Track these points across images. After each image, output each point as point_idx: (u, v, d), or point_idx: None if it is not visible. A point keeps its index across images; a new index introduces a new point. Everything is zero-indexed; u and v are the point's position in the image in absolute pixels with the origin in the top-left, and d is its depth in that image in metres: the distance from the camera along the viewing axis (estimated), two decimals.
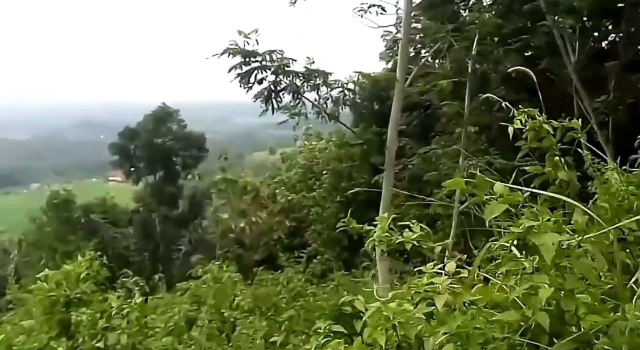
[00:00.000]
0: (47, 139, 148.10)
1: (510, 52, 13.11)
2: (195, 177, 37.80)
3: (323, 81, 10.11)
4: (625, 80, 12.98)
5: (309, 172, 27.40)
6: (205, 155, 38.77)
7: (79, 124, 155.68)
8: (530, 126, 3.04)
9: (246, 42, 9.41)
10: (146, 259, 33.77)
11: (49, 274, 6.43)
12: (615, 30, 14.48)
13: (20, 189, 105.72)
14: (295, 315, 7.71)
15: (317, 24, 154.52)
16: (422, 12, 20.30)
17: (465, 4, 20.63)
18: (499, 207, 2.38)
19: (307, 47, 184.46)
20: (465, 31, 13.11)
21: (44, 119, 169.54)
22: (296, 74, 9.85)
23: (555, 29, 12.47)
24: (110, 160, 37.99)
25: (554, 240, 2.24)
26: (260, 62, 9.55)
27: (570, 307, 2.36)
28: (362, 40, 21.65)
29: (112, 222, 33.06)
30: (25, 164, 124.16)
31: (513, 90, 15.09)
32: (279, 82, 9.81)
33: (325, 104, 10.29)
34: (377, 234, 3.52)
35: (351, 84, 10.29)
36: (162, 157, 36.65)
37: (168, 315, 7.93)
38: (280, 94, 9.93)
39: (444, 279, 2.91)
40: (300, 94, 10.01)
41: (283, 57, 9.75)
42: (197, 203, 37.49)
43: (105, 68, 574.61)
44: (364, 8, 10.96)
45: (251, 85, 9.69)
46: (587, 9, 12.28)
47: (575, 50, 13.47)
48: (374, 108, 23.83)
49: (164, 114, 38.51)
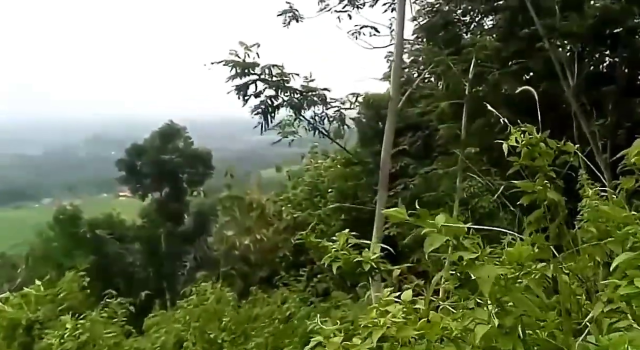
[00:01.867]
0: (59, 155, 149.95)
1: (508, 75, 13.16)
2: (200, 194, 38.00)
3: (321, 99, 10.17)
4: (623, 104, 12.97)
5: (314, 190, 27.50)
6: (211, 172, 38.99)
7: (90, 139, 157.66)
8: (525, 142, 2.93)
9: (247, 54, 9.39)
10: (151, 275, 33.81)
11: (10, 297, 6.29)
12: (613, 54, 14.52)
13: (33, 203, 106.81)
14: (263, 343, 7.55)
15: (321, 41, 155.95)
16: (425, 34, 20.57)
17: (467, 26, 20.88)
18: (439, 238, 2.35)
19: (310, 63, 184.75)
20: (463, 54, 13.22)
21: (58, 134, 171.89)
22: (295, 90, 9.87)
23: (553, 53, 12.54)
24: (117, 176, 38.30)
25: (491, 273, 2.19)
26: (259, 75, 9.56)
27: (507, 346, 2.32)
28: (364, 58, 21.72)
29: (118, 238, 33.18)
30: (38, 179, 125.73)
31: (515, 113, 15.11)
32: (276, 97, 9.83)
33: (322, 121, 10.32)
34: (333, 252, 3.46)
35: (348, 103, 10.28)
36: (168, 173, 36.88)
37: (155, 336, 7.88)
38: (276, 109, 9.95)
39: (399, 308, 2.89)
40: (301, 109, 10.00)
41: (283, 72, 9.75)
42: (203, 220, 37.58)
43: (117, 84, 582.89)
44: (357, 30, 11.14)
45: (248, 98, 9.70)
46: (584, 33, 12.34)
47: (574, 74, 13.51)
48: (379, 127, 24.02)
49: (171, 131, 38.83)
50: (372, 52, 11.48)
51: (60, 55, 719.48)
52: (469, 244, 2.32)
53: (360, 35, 11.23)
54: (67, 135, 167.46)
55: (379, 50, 11.91)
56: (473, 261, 2.29)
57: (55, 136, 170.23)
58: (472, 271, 2.26)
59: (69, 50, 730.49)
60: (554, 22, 12.27)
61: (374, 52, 11.68)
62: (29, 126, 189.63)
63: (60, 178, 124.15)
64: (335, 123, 9.95)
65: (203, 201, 38.70)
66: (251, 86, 9.59)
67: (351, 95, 10.41)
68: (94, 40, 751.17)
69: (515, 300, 2.39)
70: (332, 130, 13.05)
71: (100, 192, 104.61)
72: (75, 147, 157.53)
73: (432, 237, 2.42)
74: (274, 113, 9.87)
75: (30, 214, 78.98)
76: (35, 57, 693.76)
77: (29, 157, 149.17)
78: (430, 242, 2.41)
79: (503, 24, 16.75)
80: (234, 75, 9.39)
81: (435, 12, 20.21)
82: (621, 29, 12.88)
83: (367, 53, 11.56)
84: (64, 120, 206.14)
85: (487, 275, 2.21)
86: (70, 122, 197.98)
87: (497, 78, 13.30)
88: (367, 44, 11.14)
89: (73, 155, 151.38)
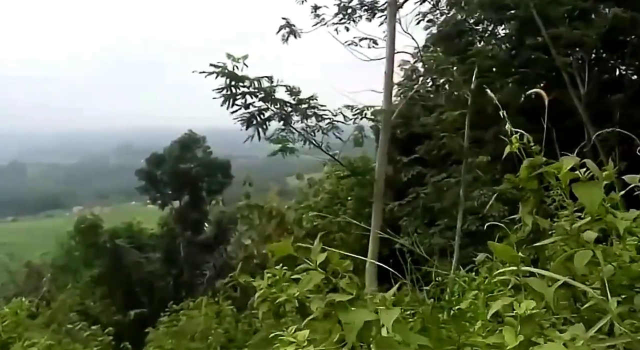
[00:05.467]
0: (91, 164, 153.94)
1: (511, 84, 12.85)
2: (219, 202, 38.23)
3: (314, 113, 10.07)
4: (631, 112, 12.51)
5: (335, 198, 27.51)
6: (230, 181, 39.25)
7: (121, 148, 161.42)
8: (528, 163, 2.52)
9: (235, 66, 9.35)
10: (170, 284, 34.08)
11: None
12: (623, 63, 14.05)
13: (64, 211, 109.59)
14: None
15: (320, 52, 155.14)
16: (438, 44, 20.31)
17: (480, 35, 20.51)
18: (316, 276, 2.24)
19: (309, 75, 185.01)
20: (467, 63, 13.00)
21: (91, 144, 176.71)
22: (285, 102, 9.80)
23: (559, 62, 12.20)
24: (137, 185, 38.86)
25: (359, 318, 2.03)
26: (247, 88, 9.52)
27: None
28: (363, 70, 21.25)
29: (138, 247, 33.60)
30: (71, 188, 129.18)
31: (528, 121, 14.77)
32: (266, 109, 9.77)
33: (314, 133, 10.21)
34: (261, 291, 3.32)
35: (340, 115, 10.14)
36: (187, 183, 37.23)
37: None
38: (266, 122, 9.89)
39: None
40: (290, 121, 9.93)
41: (272, 85, 9.68)
42: (223, 228, 37.77)
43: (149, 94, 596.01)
44: (355, 41, 11.04)
45: (236, 109, 9.67)
46: (592, 42, 11.98)
47: (584, 83, 13.11)
48: (396, 133, 23.93)
49: (190, 140, 39.23)
50: (372, 64, 11.37)
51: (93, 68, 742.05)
52: (344, 284, 2.20)
53: (358, 46, 11.14)
54: (100, 144, 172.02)
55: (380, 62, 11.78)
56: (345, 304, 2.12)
57: (89, 146, 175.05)
58: (339, 315, 2.12)
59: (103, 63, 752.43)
60: (561, 32, 11.93)
61: (374, 64, 11.57)
62: (65, 135, 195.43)
63: (92, 187, 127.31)
64: (327, 134, 9.81)
65: (223, 210, 38.92)
66: (240, 97, 9.57)
67: (345, 108, 10.26)
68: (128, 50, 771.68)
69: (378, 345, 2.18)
70: (351, 139, 13.01)
71: (129, 200, 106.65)
72: (107, 155, 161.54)
73: (311, 275, 2.32)
74: (265, 125, 9.81)
75: (61, 223, 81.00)
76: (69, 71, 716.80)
77: (64, 166, 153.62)
78: (306, 281, 2.31)
79: (514, 33, 16.41)
80: (224, 87, 9.39)
81: (448, 22, 19.98)
82: (632, 37, 12.44)
83: (367, 65, 11.45)
84: (98, 128, 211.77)
85: (355, 320, 2.06)
86: (104, 131, 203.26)
87: (496, 88, 12.97)
88: (364, 56, 11.05)
89: (105, 163, 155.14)
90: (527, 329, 1.72)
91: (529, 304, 1.72)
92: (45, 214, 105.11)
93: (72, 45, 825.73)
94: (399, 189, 21.96)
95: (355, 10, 10.95)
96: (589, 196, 2.02)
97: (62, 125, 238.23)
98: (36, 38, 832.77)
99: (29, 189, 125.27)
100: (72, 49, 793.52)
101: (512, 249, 1.94)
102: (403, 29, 10.17)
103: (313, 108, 9.77)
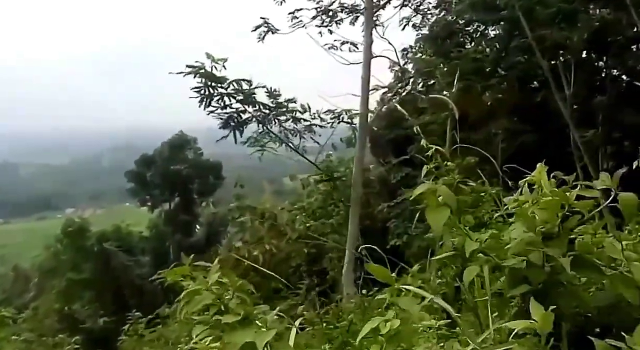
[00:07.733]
0: (84, 164, 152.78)
1: (496, 86, 12.74)
2: (210, 204, 37.94)
3: (292, 117, 9.96)
4: (614, 114, 12.41)
5: (329, 199, 27.39)
6: (221, 182, 38.93)
7: (114, 149, 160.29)
8: None
9: (213, 67, 9.27)
10: (159, 287, 33.76)
11: None
12: (608, 64, 13.97)
13: (57, 213, 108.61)
14: None
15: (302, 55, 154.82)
16: (428, 45, 20.16)
17: (471, 36, 20.35)
18: (208, 296, 2.35)
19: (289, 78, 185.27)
20: (451, 66, 12.86)
21: (83, 143, 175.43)
22: (263, 105, 9.74)
23: (542, 64, 12.08)
24: (127, 187, 38.51)
25: (240, 339, 2.11)
26: (226, 89, 9.46)
27: None
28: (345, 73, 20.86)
29: (127, 250, 33.20)
30: (63, 189, 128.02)
31: (520, 121, 14.71)
32: (244, 111, 9.70)
33: (292, 136, 10.13)
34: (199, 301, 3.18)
35: (318, 119, 10.01)
36: (178, 184, 36.95)
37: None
38: (245, 123, 9.82)
39: None
40: (267, 124, 9.86)
41: (251, 88, 9.60)
42: (214, 231, 37.52)
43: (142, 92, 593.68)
44: (335, 45, 10.89)
45: (214, 110, 9.61)
46: (578, 44, 11.88)
47: (570, 84, 13.00)
48: (391, 135, 23.96)
49: (181, 141, 38.93)
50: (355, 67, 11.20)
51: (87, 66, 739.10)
52: (235, 305, 2.25)
53: (339, 50, 11.00)
54: (92, 144, 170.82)
55: None
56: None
57: (80, 145, 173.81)
58: (225, 335, 2.17)
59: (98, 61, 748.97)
60: (545, 33, 11.82)
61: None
62: (55, 134, 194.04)
63: (85, 188, 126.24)
64: (304, 138, 9.70)
65: (214, 211, 38.67)
66: (219, 98, 9.48)
67: (325, 113, 10.13)
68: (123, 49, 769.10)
69: None
70: (345, 139, 12.92)
71: (123, 202, 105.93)
72: (100, 156, 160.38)
73: (202, 296, 2.40)
74: (242, 127, 9.70)
75: (53, 225, 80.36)
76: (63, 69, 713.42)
77: (55, 166, 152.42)
78: (196, 302, 2.37)
79: (503, 34, 16.31)
80: (202, 86, 9.30)
81: (438, 22, 19.83)
82: (618, 38, 12.34)
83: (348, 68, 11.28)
84: (89, 128, 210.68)
85: (235, 341, 2.12)
86: (96, 131, 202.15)
87: (477, 90, 12.84)
88: (343, 59, 10.89)
89: (97, 164, 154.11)
90: (392, 347, 1.90)
91: (394, 323, 1.88)
92: (37, 216, 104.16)
93: (71, 45, 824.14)
94: (392, 190, 22.13)
95: (336, 14, 10.80)
96: (435, 220, 2.22)
97: (56, 125, 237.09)
98: (36, 38, 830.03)
99: (22, 190, 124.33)
100: (72, 49, 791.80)
101: (386, 270, 2.07)
102: (379, 34, 10.04)
103: (291, 111, 9.64)
